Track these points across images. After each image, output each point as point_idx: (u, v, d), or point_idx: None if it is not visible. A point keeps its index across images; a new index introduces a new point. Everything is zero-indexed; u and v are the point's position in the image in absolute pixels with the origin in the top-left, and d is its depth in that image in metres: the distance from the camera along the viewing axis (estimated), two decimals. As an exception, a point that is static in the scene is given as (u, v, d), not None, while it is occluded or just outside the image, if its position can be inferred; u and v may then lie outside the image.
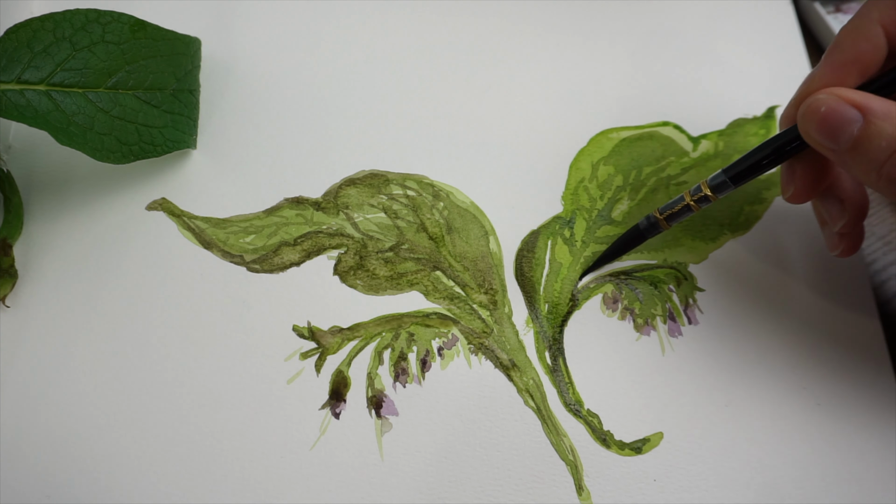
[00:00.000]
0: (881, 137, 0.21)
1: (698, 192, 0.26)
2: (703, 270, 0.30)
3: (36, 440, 0.26)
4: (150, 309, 0.28)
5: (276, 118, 0.32)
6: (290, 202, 0.31)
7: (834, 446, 0.27)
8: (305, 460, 0.26)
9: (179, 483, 0.26)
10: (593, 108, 0.33)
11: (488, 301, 0.29)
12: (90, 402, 0.27)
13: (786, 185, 0.26)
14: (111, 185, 0.31)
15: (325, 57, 0.34)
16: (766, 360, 0.28)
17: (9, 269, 0.29)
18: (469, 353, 0.28)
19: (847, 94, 0.21)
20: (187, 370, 0.27)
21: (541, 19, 0.35)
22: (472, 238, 0.30)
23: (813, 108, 0.22)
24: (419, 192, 0.31)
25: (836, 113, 0.21)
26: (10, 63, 0.26)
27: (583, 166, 0.32)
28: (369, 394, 0.27)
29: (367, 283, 0.29)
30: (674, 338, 0.29)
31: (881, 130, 0.21)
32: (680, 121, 0.33)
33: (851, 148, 0.21)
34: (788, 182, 0.25)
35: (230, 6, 0.35)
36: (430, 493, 0.26)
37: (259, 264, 0.29)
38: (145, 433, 0.26)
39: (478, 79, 0.34)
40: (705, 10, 0.36)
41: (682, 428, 0.27)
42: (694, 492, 0.26)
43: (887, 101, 0.21)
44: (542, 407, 0.27)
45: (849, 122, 0.21)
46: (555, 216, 0.31)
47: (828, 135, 0.22)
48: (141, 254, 0.29)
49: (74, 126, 0.27)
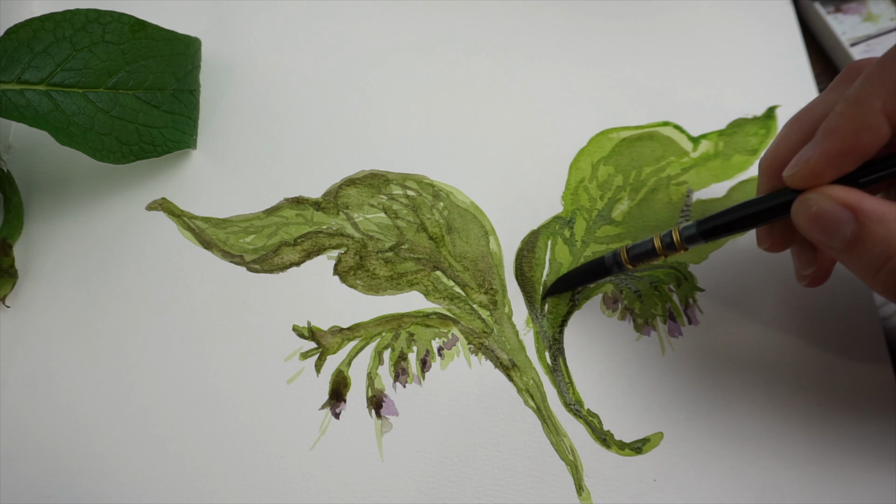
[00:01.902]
0: (875, 243, 0.20)
1: (668, 238, 0.25)
2: (703, 270, 0.30)
3: (36, 440, 0.26)
4: (150, 309, 0.28)
5: (275, 118, 0.32)
6: (290, 202, 0.31)
7: (834, 446, 0.27)
8: (305, 460, 0.26)
9: (179, 483, 0.26)
10: (593, 108, 0.33)
11: (488, 301, 0.29)
12: (90, 402, 0.27)
13: (763, 239, 0.25)
14: (111, 185, 0.31)
15: (324, 57, 0.34)
16: (766, 360, 0.28)
17: (9, 269, 0.29)
18: (469, 353, 0.28)
19: (839, 193, 0.21)
20: (187, 370, 0.27)
21: (541, 19, 0.35)
22: (472, 238, 0.30)
23: (805, 206, 0.21)
24: (419, 192, 0.31)
25: (828, 214, 0.21)
26: (10, 63, 0.26)
27: (583, 166, 0.32)
28: (369, 394, 0.27)
29: (367, 283, 0.29)
30: (674, 338, 0.29)
31: (874, 234, 0.20)
32: (680, 121, 0.33)
33: (846, 249, 0.21)
34: (766, 236, 0.25)
35: (230, 6, 0.35)
36: (430, 493, 0.26)
37: (259, 264, 0.29)
38: (145, 433, 0.26)
39: (478, 79, 0.34)
40: (705, 10, 0.36)
41: (682, 428, 0.27)
42: (694, 492, 0.26)
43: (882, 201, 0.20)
44: (542, 407, 0.27)
45: (841, 223, 0.20)
46: (555, 216, 0.31)
47: (821, 233, 0.21)
48: (141, 254, 0.29)
49: (74, 126, 0.27)
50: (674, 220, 0.31)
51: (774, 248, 0.25)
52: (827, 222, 0.21)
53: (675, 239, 0.25)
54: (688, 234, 0.24)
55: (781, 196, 0.22)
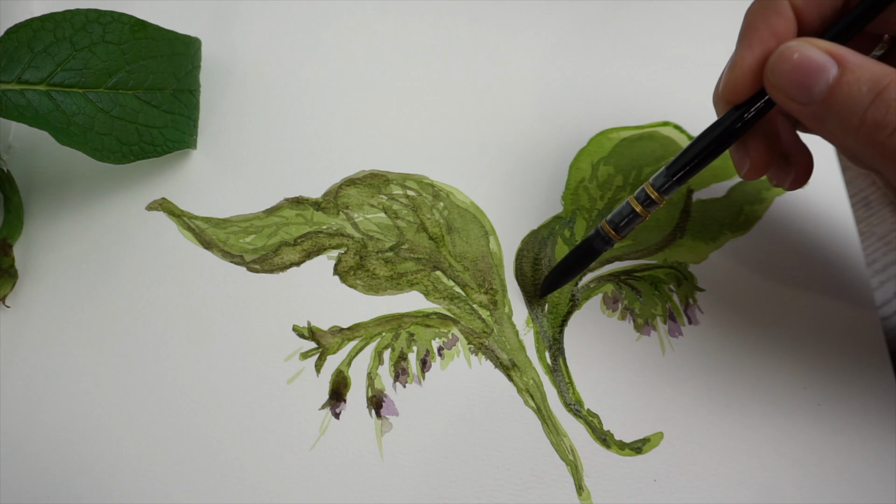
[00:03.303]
0: (860, 83, 0.20)
1: (643, 195, 0.24)
2: (703, 270, 0.30)
3: (36, 440, 0.26)
4: (150, 309, 0.28)
5: (276, 118, 0.32)
6: (290, 202, 0.31)
7: (834, 446, 0.27)
8: (305, 460, 0.26)
9: (179, 483, 0.26)
10: (593, 108, 0.33)
11: (488, 301, 0.29)
12: (90, 402, 0.27)
13: (739, 163, 0.25)
14: (111, 185, 0.31)
15: (325, 57, 0.34)
16: (766, 360, 0.28)
17: (9, 269, 0.29)
18: (469, 353, 0.28)
19: (819, 42, 0.20)
20: (187, 370, 0.27)
21: (541, 19, 0.35)
22: (472, 238, 0.30)
23: (784, 56, 0.21)
24: (419, 192, 0.31)
25: (810, 60, 0.20)
26: (10, 63, 0.26)
27: (583, 166, 0.32)
28: (369, 394, 0.27)
29: (367, 283, 0.29)
30: (674, 338, 0.29)
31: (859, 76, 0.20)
32: (680, 121, 0.33)
33: (827, 98, 0.20)
34: (742, 159, 0.24)
35: (230, 6, 0.35)
36: (430, 493, 0.26)
37: (259, 264, 0.29)
38: (145, 433, 0.26)
39: (478, 79, 0.34)
40: (705, 10, 0.36)
41: (682, 428, 0.27)
42: (694, 492, 0.26)
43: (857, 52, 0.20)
44: (542, 407, 0.27)
45: (823, 69, 0.20)
46: (555, 216, 0.31)
47: (800, 86, 0.20)
48: (141, 254, 0.29)
49: (75, 126, 0.27)
50: (674, 219, 0.31)
51: (755, 171, 0.24)
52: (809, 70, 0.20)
53: (649, 192, 0.24)
54: (660, 183, 0.24)
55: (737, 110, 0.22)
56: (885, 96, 0.19)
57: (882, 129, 0.20)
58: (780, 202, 0.31)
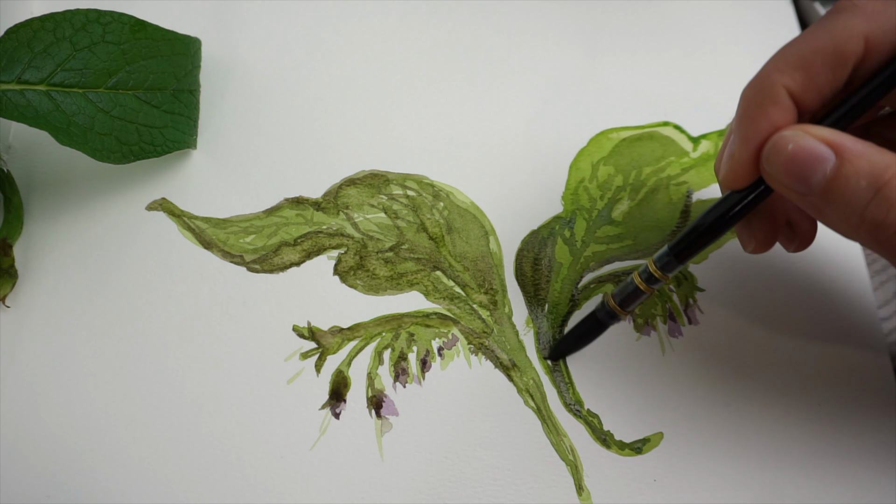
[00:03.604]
0: (860, 177, 0.19)
1: (647, 272, 0.24)
2: (703, 270, 0.30)
3: (36, 440, 0.26)
4: (149, 309, 0.28)
5: (276, 118, 0.32)
6: (290, 202, 0.31)
7: (834, 446, 0.27)
8: (305, 460, 0.26)
9: (179, 483, 0.26)
10: (593, 108, 0.33)
11: (488, 301, 0.29)
12: (90, 402, 0.27)
13: (746, 241, 0.24)
14: (111, 185, 0.31)
15: (325, 57, 0.34)
16: (766, 360, 0.28)
17: (9, 269, 0.29)
18: (469, 353, 0.28)
19: (816, 130, 0.19)
20: (187, 370, 0.27)
21: (541, 19, 0.35)
22: (472, 238, 0.30)
23: (779, 146, 0.20)
24: (419, 192, 0.31)
25: (806, 151, 0.19)
26: (10, 63, 0.26)
27: (583, 166, 0.32)
28: (369, 394, 0.27)
29: (367, 283, 0.29)
30: (674, 338, 0.29)
31: (859, 169, 0.19)
32: (680, 121, 0.33)
33: (825, 191, 0.19)
34: (748, 237, 0.24)
35: (230, 6, 0.35)
36: (430, 493, 0.26)
37: (259, 264, 0.29)
38: (145, 433, 0.26)
39: (478, 79, 0.34)
40: (705, 10, 0.36)
41: (682, 428, 0.27)
42: (694, 492, 0.26)
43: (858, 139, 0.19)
44: (542, 407, 0.27)
45: (820, 160, 0.19)
46: (555, 216, 0.31)
47: (797, 177, 0.19)
48: (141, 254, 0.29)
49: (75, 126, 0.27)
50: (674, 220, 0.31)
51: (760, 247, 0.24)
52: (805, 161, 0.19)
53: (652, 271, 0.24)
54: (663, 262, 0.24)
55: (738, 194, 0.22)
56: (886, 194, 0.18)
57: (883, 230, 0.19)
58: (780, 202, 0.31)
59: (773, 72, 0.21)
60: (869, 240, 0.20)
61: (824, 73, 0.20)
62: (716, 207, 0.22)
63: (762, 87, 0.21)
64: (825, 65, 0.20)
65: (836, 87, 0.21)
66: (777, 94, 0.20)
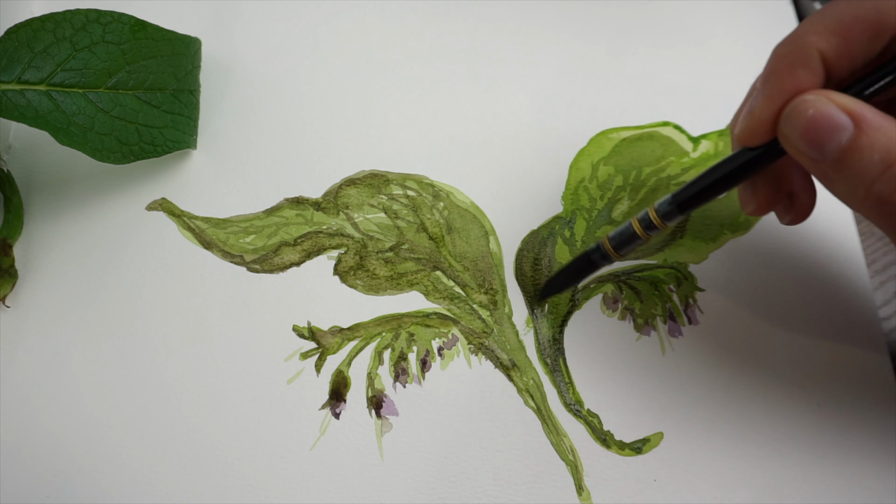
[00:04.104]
0: (874, 150, 0.19)
1: (646, 219, 0.24)
2: (703, 270, 0.30)
3: (36, 440, 0.26)
4: (150, 309, 0.28)
5: (276, 118, 0.32)
6: (290, 202, 0.31)
7: (834, 446, 0.27)
8: (305, 460, 0.26)
9: (179, 483, 0.26)
10: (593, 108, 0.33)
11: (488, 301, 0.29)
12: (90, 402, 0.27)
13: (746, 202, 0.24)
14: (111, 185, 0.31)
15: (325, 57, 0.34)
16: (765, 360, 0.28)
17: (9, 269, 0.29)
18: (469, 353, 0.28)
19: (838, 98, 0.19)
20: (187, 370, 0.27)
21: (541, 19, 0.35)
22: (472, 238, 0.30)
23: (800, 109, 0.20)
24: (419, 192, 0.31)
25: (825, 117, 0.19)
26: (10, 63, 0.26)
27: (583, 166, 0.32)
28: (369, 394, 0.27)
29: (367, 283, 0.29)
30: (674, 338, 0.29)
31: (874, 142, 0.19)
32: (680, 121, 0.33)
33: (837, 160, 0.19)
34: (749, 198, 0.24)
35: (230, 6, 0.35)
36: (430, 493, 0.26)
37: (259, 264, 0.29)
38: (145, 433, 0.26)
39: (478, 79, 0.34)
40: (705, 10, 0.36)
41: (682, 428, 0.27)
42: (694, 492, 0.26)
43: (879, 111, 0.19)
44: (542, 407, 0.27)
45: (838, 129, 0.19)
46: (555, 216, 0.31)
47: (812, 142, 0.19)
48: (141, 254, 0.29)
49: (75, 126, 0.27)
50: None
51: (758, 210, 0.24)
52: (823, 127, 0.19)
53: (652, 218, 0.24)
54: (664, 210, 0.24)
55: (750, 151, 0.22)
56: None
57: (886, 205, 0.19)
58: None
59: (809, 33, 0.20)
60: (873, 213, 0.20)
61: (861, 42, 0.20)
62: (725, 163, 0.22)
63: (795, 47, 0.20)
64: (863, 33, 0.20)
65: (869, 57, 0.20)
66: (809, 55, 0.20)
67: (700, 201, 0.23)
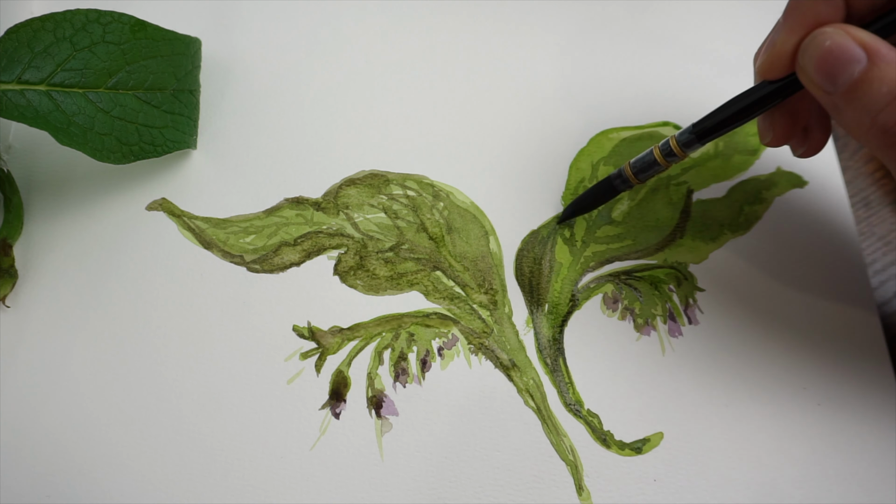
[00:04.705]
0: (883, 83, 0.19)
1: (667, 147, 0.26)
2: (703, 270, 0.30)
3: (36, 440, 0.26)
4: (150, 309, 0.28)
5: (276, 118, 0.32)
6: (290, 202, 0.31)
7: (834, 446, 0.27)
8: (305, 460, 0.26)
9: (179, 483, 0.26)
10: (593, 108, 0.33)
11: (488, 301, 0.29)
12: (90, 402, 0.27)
13: (764, 132, 0.26)
14: (111, 185, 0.31)
15: (325, 57, 0.34)
16: (766, 360, 0.28)
17: (9, 269, 0.29)
18: (469, 353, 0.28)
19: (856, 32, 0.20)
20: (187, 370, 0.27)
21: (541, 20, 0.35)
22: (472, 238, 0.30)
23: (817, 40, 0.20)
24: (419, 192, 0.31)
25: (841, 49, 0.20)
26: (10, 63, 0.26)
27: (583, 166, 0.32)
28: (369, 394, 0.27)
29: (367, 283, 0.29)
30: (674, 338, 0.29)
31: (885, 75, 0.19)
32: (680, 121, 0.33)
33: (848, 91, 0.20)
34: (767, 129, 0.25)
35: (230, 6, 0.35)
36: (430, 493, 0.26)
37: (259, 264, 0.29)
38: (145, 433, 0.26)
39: (478, 79, 0.34)
40: (705, 10, 0.36)
41: (682, 428, 0.27)
42: (694, 492, 0.26)
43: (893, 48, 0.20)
44: (542, 407, 0.27)
45: (852, 61, 0.20)
46: (555, 216, 0.31)
47: (826, 74, 0.20)
48: (141, 254, 0.29)
49: (75, 126, 0.27)
50: (674, 219, 0.31)
51: (776, 141, 0.25)
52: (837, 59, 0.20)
53: (672, 146, 0.26)
54: (685, 139, 0.25)
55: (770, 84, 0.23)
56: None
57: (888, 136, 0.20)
58: (781, 202, 0.31)
59: None
60: (876, 144, 0.20)
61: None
62: (746, 94, 0.24)
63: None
64: None
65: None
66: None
67: (719, 131, 0.24)
